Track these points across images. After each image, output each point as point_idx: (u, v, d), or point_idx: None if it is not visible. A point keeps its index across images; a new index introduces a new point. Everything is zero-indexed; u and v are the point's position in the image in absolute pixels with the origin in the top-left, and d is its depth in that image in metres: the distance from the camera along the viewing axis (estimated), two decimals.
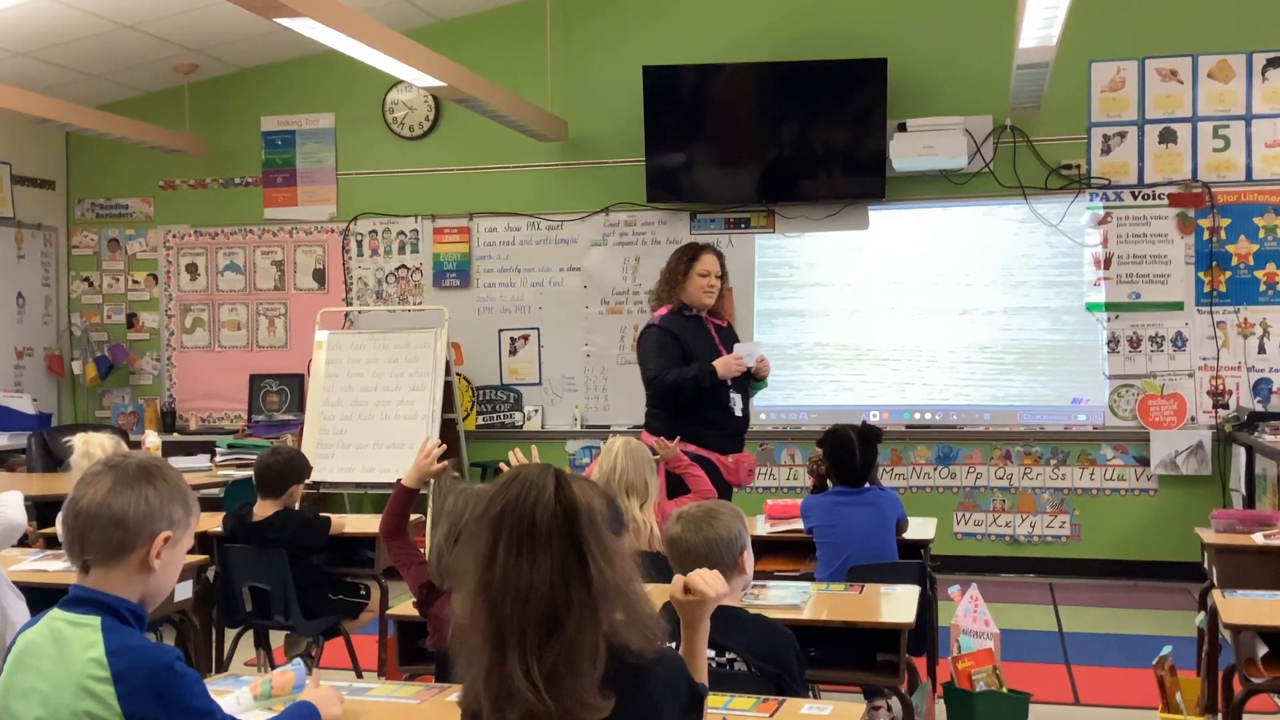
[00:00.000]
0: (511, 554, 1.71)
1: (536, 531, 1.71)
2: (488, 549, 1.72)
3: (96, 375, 8.46)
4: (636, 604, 1.78)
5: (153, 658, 2.03)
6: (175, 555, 2.14)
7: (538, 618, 1.69)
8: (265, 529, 4.53)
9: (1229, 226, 6.95)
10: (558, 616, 1.70)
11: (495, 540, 1.72)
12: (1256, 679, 3.37)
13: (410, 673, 3.45)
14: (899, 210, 7.34)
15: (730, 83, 7.38)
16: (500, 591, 1.70)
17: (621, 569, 1.77)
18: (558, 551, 1.71)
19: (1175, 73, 7.01)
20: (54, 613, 2.10)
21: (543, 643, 1.69)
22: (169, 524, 2.10)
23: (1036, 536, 7.20)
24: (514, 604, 1.69)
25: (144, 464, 2.13)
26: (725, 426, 5.12)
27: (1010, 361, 7.24)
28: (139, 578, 2.09)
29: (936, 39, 7.23)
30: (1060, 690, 4.98)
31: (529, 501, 1.72)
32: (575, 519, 1.73)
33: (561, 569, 1.71)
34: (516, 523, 1.72)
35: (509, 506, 1.73)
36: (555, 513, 1.72)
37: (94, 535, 2.06)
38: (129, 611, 2.08)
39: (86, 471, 2.12)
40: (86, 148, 8.59)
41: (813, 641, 3.21)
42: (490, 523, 1.74)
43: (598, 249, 7.80)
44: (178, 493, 2.13)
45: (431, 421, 7.24)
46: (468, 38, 7.75)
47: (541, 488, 1.74)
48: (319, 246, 8.31)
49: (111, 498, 2.06)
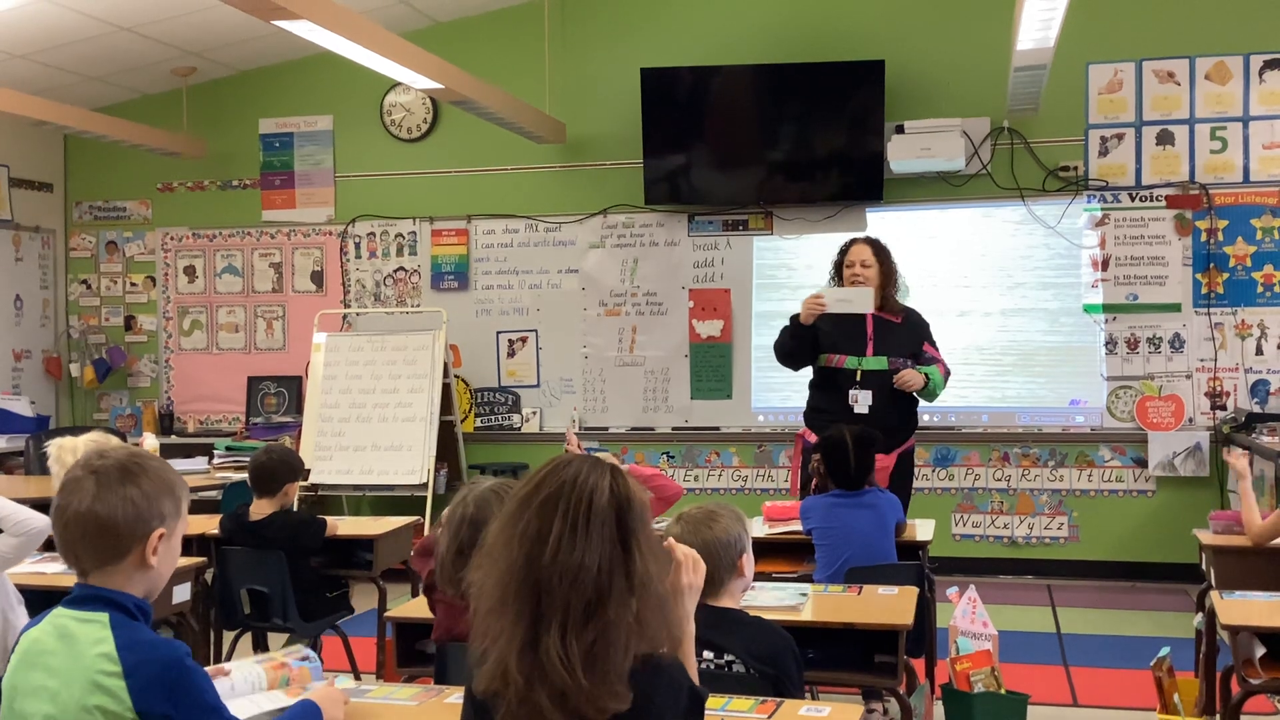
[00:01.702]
0: (566, 533, 1.74)
1: (594, 515, 1.76)
2: (539, 526, 1.76)
3: (94, 377, 8.45)
4: (664, 603, 1.83)
5: (164, 653, 2.03)
6: (171, 545, 2.14)
7: (585, 597, 1.72)
8: (262, 529, 4.53)
9: (1226, 228, 6.96)
10: (602, 598, 1.73)
11: (549, 518, 1.76)
12: (1254, 680, 3.37)
13: (408, 674, 3.44)
14: (897, 212, 7.34)
15: (728, 85, 7.39)
16: (549, 566, 1.73)
17: (658, 567, 1.82)
18: (610, 538, 1.76)
19: (1173, 74, 7.02)
20: (59, 611, 2.09)
21: (584, 622, 1.72)
22: (160, 520, 2.09)
23: (1035, 538, 7.20)
24: (562, 581, 1.72)
25: (123, 463, 2.09)
26: (839, 418, 4.86)
27: (1008, 363, 7.24)
28: (139, 574, 2.09)
29: (934, 41, 7.23)
30: (1058, 691, 4.98)
31: (588, 485, 1.78)
32: (629, 509, 1.79)
33: (611, 554, 1.75)
34: (575, 503, 1.76)
35: (566, 487, 1.78)
36: (611, 500, 1.78)
37: (86, 545, 2.06)
38: (135, 607, 2.08)
39: (68, 475, 2.10)
40: (84, 150, 8.59)
41: (811, 643, 3.21)
42: (544, 502, 1.77)
43: (596, 251, 7.81)
44: (163, 485, 2.11)
45: (429, 424, 7.24)
46: (466, 40, 7.75)
47: (600, 474, 1.80)
48: (317, 248, 8.31)
49: (96, 505, 2.04)
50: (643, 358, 7.74)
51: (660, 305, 7.71)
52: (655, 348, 7.72)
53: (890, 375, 5.07)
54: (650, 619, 1.78)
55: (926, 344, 5.26)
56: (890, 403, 5.07)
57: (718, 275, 7.62)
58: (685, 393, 7.67)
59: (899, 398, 5.12)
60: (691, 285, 7.66)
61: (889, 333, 5.15)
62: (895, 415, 5.09)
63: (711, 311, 7.62)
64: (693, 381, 7.65)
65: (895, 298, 5.28)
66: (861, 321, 5.11)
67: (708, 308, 7.62)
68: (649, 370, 7.73)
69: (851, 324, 5.10)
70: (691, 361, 7.65)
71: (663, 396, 7.71)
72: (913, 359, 5.16)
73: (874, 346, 5.09)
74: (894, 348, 5.12)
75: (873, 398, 5.04)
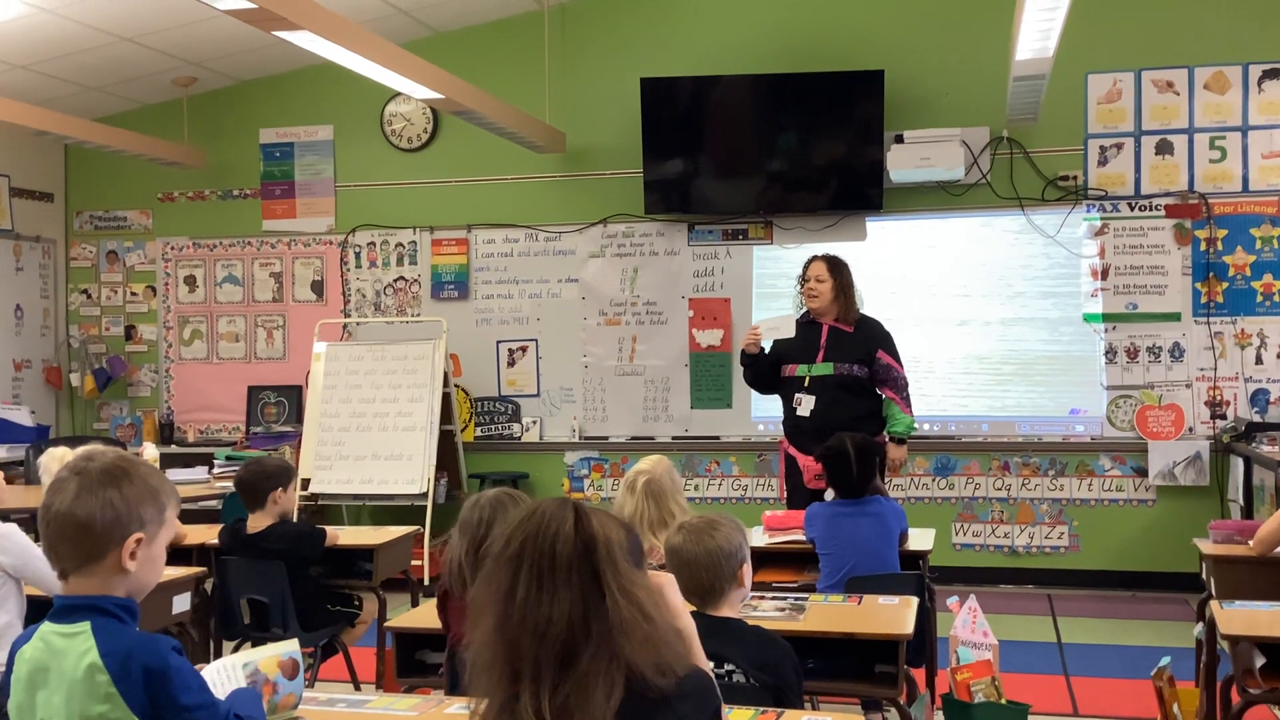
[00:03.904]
0: (531, 588, 1.71)
1: (557, 565, 1.71)
2: (507, 584, 1.72)
3: (95, 387, 8.46)
4: (656, 637, 1.76)
5: (144, 656, 2.02)
6: (154, 552, 2.12)
7: (554, 651, 1.69)
8: (261, 542, 4.53)
9: (1226, 237, 6.97)
10: (575, 650, 1.69)
11: (515, 575, 1.72)
12: (1254, 690, 3.37)
13: (408, 685, 3.44)
14: (896, 221, 7.35)
15: (728, 94, 7.40)
16: (518, 626, 1.70)
17: (641, 601, 1.75)
18: (577, 585, 1.71)
19: (1171, 84, 7.03)
20: (45, 628, 2.09)
21: (556, 676, 1.68)
22: (139, 525, 2.08)
23: (1035, 547, 7.20)
24: (531, 638, 1.69)
25: (108, 467, 2.09)
26: (795, 424, 5.52)
27: (1008, 372, 7.24)
28: (118, 579, 2.08)
29: (933, 51, 7.25)
30: (1059, 701, 4.98)
31: (549, 535, 1.73)
32: (594, 551, 1.73)
33: (581, 602, 1.70)
34: (537, 557, 1.72)
35: (528, 541, 1.73)
36: (575, 546, 1.72)
37: (65, 545, 2.06)
38: (117, 607, 2.07)
39: (55, 477, 2.11)
40: (85, 160, 8.60)
41: (811, 653, 3.21)
42: (510, 558, 1.74)
43: (596, 260, 7.81)
44: (146, 491, 2.10)
45: (429, 433, 7.24)
46: (466, 50, 7.77)
47: (561, 521, 1.74)
48: (317, 258, 8.32)
49: (75, 505, 2.04)
50: (643, 367, 7.75)
51: (660, 314, 7.72)
52: (655, 357, 7.72)
53: (836, 380, 5.48)
54: (642, 656, 1.73)
55: (881, 351, 5.55)
56: (833, 405, 5.40)
57: (717, 284, 7.63)
58: (685, 402, 7.67)
59: (846, 401, 5.43)
60: (691, 294, 7.67)
61: (841, 341, 5.55)
62: (840, 418, 5.28)
63: (711, 321, 7.63)
64: (693, 391, 7.66)
65: (852, 309, 5.64)
66: (818, 333, 5.55)
67: (708, 317, 7.63)
68: (649, 380, 7.74)
69: (809, 336, 5.55)
70: (691, 371, 7.66)
71: (663, 406, 7.71)
72: (864, 365, 5.50)
73: (825, 354, 5.52)
74: (844, 355, 5.52)
75: (815, 401, 5.45)
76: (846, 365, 5.50)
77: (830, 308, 5.57)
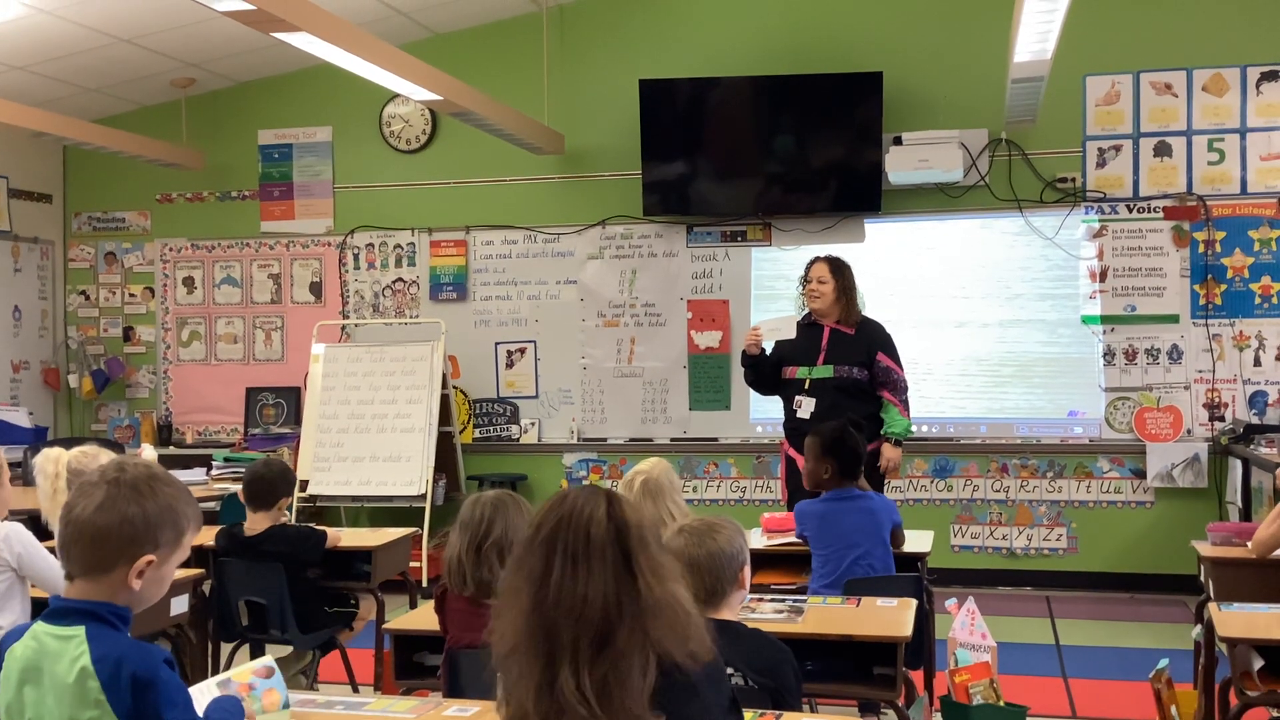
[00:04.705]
0: (566, 569, 1.75)
1: (591, 546, 1.76)
2: (541, 567, 1.77)
3: (93, 389, 8.45)
4: (683, 621, 1.81)
5: (134, 664, 2.02)
6: (162, 574, 2.12)
7: (591, 630, 1.73)
8: (260, 544, 4.52)
9: (1224, 239, 6.97)
10: (610, 630, 1.73)
11: (549, 558, 1.77)
12: (1252, 692, 3.37)
13: (407, 686, 3.44)
14: (895, 223, 7.36)
15: (726, 96, 7.40)
16: (554, 605, 1.74)
17: (669, 586, 1.81)
18: (611, 565, 1.76)
19: (1170, 86, 7.03)
20: (38, 627, 2.09)
21: (594, 655, 1.72)
22: (153, 547, 2.08)
23: (1033, 549, 7.20)
24: (568, 617, 1.73)
25: (138, 481, 2.09)
26: (795, 426, 5.47)
27: (1006, 374, 7.25)
28: (122, 592, 2.08)
29: (932, 53, 7.25)
30: (1057, 703, 4.98)
31: (583, 518, 1.78)
32: (627, 534, 1.78)
33: (615, 582, 1.75)
34: (571, 539, 1.77)
35: (562, 524, 1.78)
36: (608, 529, 1.78)
37: (77, 550, 2.06)
38: (111, 614, 2.07)
39: (84, 479, 2.11)
40: (84, 161, 8.60)
41: (809, 655, 3.21)
42: (543, 541, 1.78)
43: (594, 262, 7.81)
44: (168, 514, 2.10)
45: (428, 434, 7.24)
46: (464, 52, 7.77)
47: (594, 505, 1.80)
48: (316, 260, 8.31)
49: (98, 515, 2.04)
50: (641, 369, 7.75)
51: (659, 316, 7.72)
52: (654, 359, 7.72)
53: (836, 383, 5.49)
54: (670, 639, 1.77)
55: (881, 353, 5.56)
56: (833, 408, 5.36)
57: (716, 286, 7.63)
58: (684, 403, 7.67)
59: (846, 404, 5.39)
60: (690, 296, 7.67)
61: (841, 343, 5.57)
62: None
63: (710, 322, 7.63)
64: (691, 392, 7.65)
65: (854, 310, 5.64)
66: (819, 335, 5.56)
67: (706, 319, 7.63)
68: (647, 381, 7.74)
69: (811, 339, 5.56)
70: (690, 372, 7.66)
71: (661, 407, 7.71)
72: (864, 368, 5.51)
73: (825, 357, 5.54)
74: (844, 357, 5.54)
75: (816, 404, 5.46)
76: (847, 368, 5.52)
77: (832, 309, 5.58)
